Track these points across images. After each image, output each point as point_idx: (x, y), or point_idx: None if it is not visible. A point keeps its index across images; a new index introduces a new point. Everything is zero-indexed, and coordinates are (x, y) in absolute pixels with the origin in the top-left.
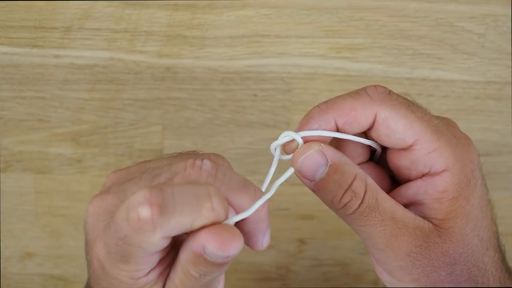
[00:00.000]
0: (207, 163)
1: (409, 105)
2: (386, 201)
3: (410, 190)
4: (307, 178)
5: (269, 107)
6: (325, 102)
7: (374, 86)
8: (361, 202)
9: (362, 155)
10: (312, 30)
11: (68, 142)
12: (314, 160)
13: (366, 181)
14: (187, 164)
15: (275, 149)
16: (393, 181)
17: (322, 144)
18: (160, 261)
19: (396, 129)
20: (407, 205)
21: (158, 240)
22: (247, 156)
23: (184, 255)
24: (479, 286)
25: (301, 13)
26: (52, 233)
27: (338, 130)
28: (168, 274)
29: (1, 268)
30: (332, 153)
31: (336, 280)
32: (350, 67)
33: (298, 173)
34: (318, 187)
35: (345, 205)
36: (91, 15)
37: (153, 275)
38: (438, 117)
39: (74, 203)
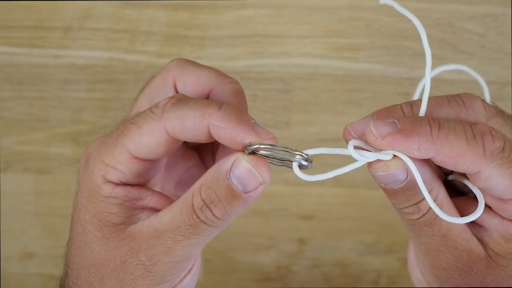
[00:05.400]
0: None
1: None
2: None
3: (483, 215)
4: (379, 181)
5: (269, 107)
6: (437, 126)
7: (492, 135)
8: (421, 217)
9: None
10: (312, 30)
11: (68, 142)
12: (395, 177)
13: (436, 197)
14: (151, 108)
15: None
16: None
17: (410, 162)
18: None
19: (496, 187)
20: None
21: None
22: None
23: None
24: None
25: (301, 13)
26: (52, 233)
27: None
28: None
29: (1, 268)
30: (414, 171)
31: (336, 280)
32: (350, 67)
33: (372, 175)
34: (387, 191)
35: (404, 213)
36: (91, 15)
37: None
38: None
39: None
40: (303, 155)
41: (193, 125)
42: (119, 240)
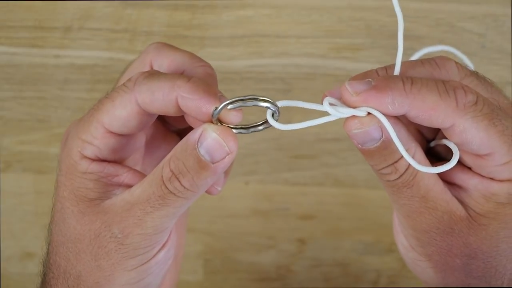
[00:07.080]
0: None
1: (492, 118)
2: (425, 179)
3: (463, 175)
4: (356, 142)
5: None
6: (410, 81)
7: (464, 90)
8: (398, 177)
9: None
10: (312, 30)
11: None
12: (370, 135)
13: (413, 157)
14: (125, 82)
15: (328, 105)
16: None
17: (383, 118)
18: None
19: (472, 141)
20: (450, 183)
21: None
22: (246, 156)
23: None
24: (490, 286)
25: (301, 13)
26: None
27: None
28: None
29: (1, 268)
30: (388, 126)
31: (336, 280)
32: (350, 67)
33: (348, 134)
34: (364, 151)
35: (382, 174)
36: (91, 15)
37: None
38: None
39: None
40: (269, 100)
41: (163, 96)
42: (93, 214)
